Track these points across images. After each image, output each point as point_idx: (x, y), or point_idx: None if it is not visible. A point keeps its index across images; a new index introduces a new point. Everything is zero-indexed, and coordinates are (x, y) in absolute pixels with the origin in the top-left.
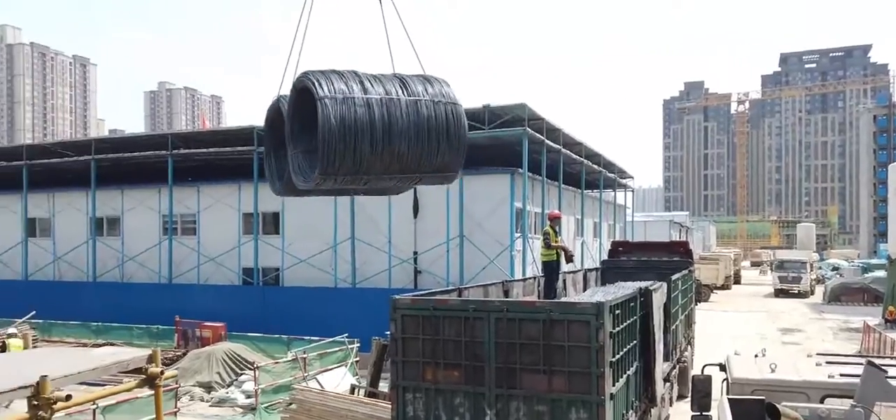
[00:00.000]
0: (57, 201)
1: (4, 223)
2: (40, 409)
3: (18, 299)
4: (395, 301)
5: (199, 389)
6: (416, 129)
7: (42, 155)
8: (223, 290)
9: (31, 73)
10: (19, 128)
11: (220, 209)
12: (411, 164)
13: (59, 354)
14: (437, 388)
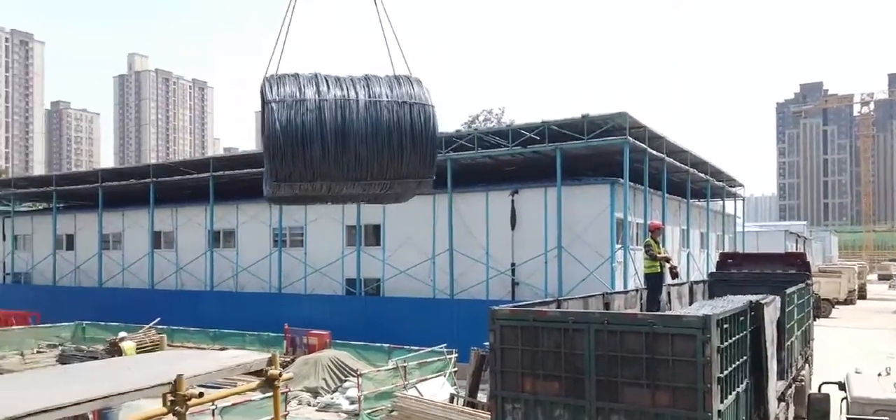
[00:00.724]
0: (179, 216)
1: (134, 236)
2: (177, 405)
3: (145, 306)
4: (493, 311)
5: (306, 394)
6: (375, 132)
7: (166, 173)
8: (328, 299)
9: (155, 97)
10: (146, 148)
11: (325, 222)
12: (374, 169)
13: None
14: (536, 399)
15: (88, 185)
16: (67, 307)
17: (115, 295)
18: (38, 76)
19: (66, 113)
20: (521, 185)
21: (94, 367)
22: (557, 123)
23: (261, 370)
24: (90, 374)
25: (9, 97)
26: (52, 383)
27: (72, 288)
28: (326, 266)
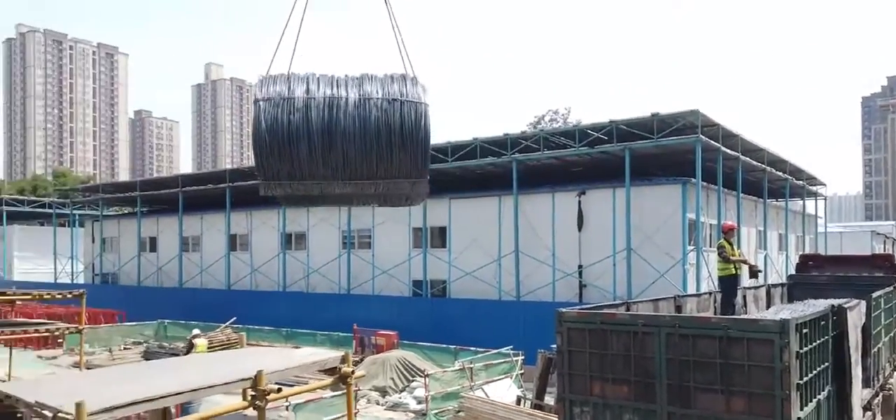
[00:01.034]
0: (253, 219)
1: (212, 239)
2: (257, 399)
3: (222, 306)
4: (560, 314)
5: (374, 393)
6: (363, 132)
7: (241, 178)
8: (395, 300)
9: (230, 105)
10: (221, 154)
11: (392, 225)
12: (364, 168)
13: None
14: (605, 402)
15: (169, 190)
16: (151, 306)
17: (194, 295)
18: (123, 87)
19: (148, 121)
20: (588, 185)
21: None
22: (626, 122)
23: (334, 368)
24: (177, 368)
25: (96, 107)
26: (144, 377)
27: (154, 288)
28: (393, 267)
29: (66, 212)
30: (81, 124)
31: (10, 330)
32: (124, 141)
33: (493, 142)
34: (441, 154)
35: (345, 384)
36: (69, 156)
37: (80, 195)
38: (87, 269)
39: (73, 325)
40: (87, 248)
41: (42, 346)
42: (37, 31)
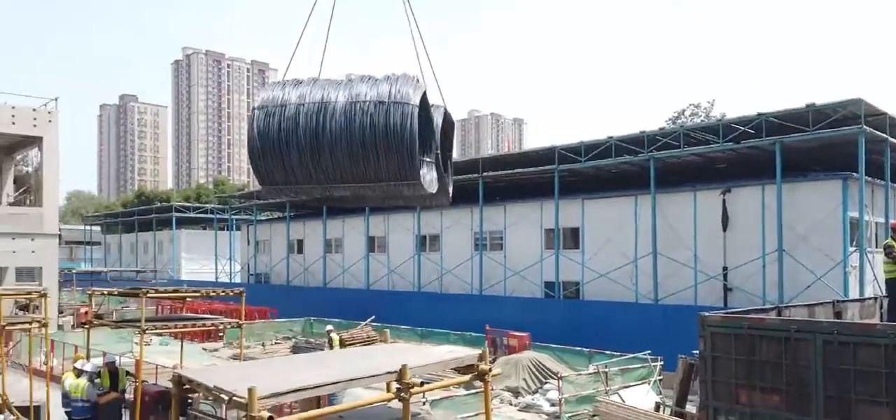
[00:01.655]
0: (390, 222)
1: (352, 241)
2: (402, 391)
3: (362, 305)
4: (703, 318)
5: (507, 394)
6: (349, 135)
7: None
8: (527, 301)
9: None
10: None
11: (524, 226)
12: (352, 171)
13: (410, 350)
14: (752, 411)
15: None
16: (298, 304)
17: (336, 294)
18: None
19: None
20: (733, 183)
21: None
22: (776, 115)
23: (471, 365)
24: (327, 361)
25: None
26: (301, 368)
27: (301, 287)
28: (525, 269)
29: (225, 217)
30: (237, 136)
31: (182, 324)
32: None
33: (629, 140)
34: (574, 154)
35: (482, 381)
36: (227, 165)
37: (237, 202)
38: (243, 269)
39: (233, 320)
40: (243, 249)
41: (205, 339)
42: (200, 52)
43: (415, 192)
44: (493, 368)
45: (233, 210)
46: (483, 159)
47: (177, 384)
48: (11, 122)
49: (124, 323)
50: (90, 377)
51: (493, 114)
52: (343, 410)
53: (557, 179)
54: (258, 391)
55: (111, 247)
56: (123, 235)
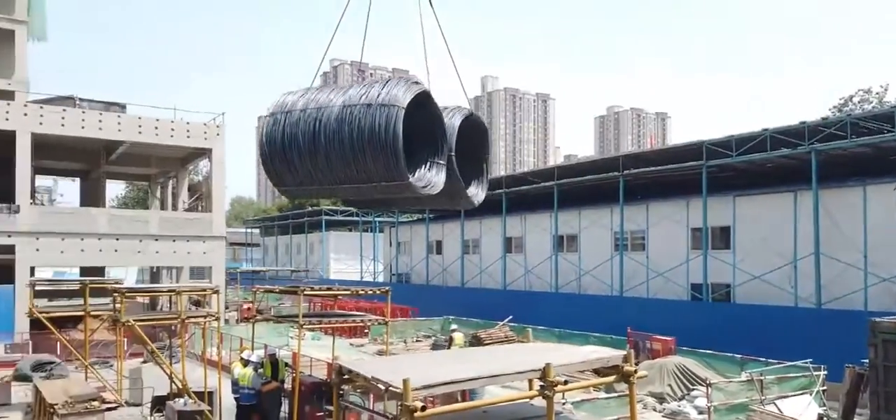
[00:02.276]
0: (527, 222)
1: (490, 242)
2: (546, 389)
3: (499, 305)
4: (875, 324)
5: (651, 399)
6: (339, 138)
7: (515, 183)
8: (671, 304)
9: (504, 114)
10: (496, 161)
11: (667, 225)
12: (347, 172)
13: (552, 349)
14: None
15: None
16: (437, 303)
17: (474, 294)
18: None
19: None
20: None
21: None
22: None
23: (615, 366)
24: (470, 358)
25: None
26: (446, 363)
27: (440, 287)
28: (669, 270)
29: (369, 219)
30: None
31: (334, 320)
32: None
33: (787, 132)
34: (723, 149)
35: (627, 383)
36: None
37: None
38: (386, 269)
39: (380, 318)
40: (385, 250)
41: (351, 335)
42: (345, 62)
43: (408, 193)
44: (638, 370)
45: (376, 213)
46: (623, 157)
47: (338, 374)
48: (186, 137)
49: (284, 318)
50: (255, 367)
51: (634, 109)
52: (487, 406)
53: (705, 176)
54: (411, 382)
55: (269, 248)
56: (279, 237)
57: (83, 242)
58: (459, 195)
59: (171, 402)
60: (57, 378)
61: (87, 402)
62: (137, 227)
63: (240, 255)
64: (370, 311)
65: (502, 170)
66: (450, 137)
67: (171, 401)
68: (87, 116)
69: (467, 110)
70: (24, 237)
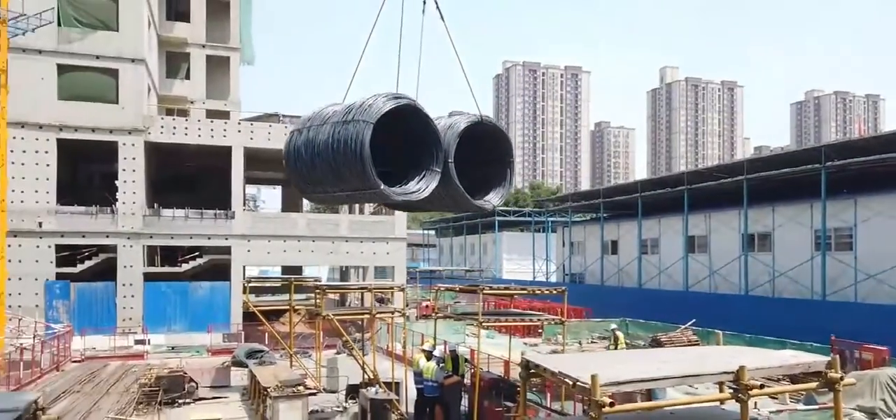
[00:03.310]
0: (712, 220)
1: (670, 241)
2: (740, 393)
3: (680, 307)
4: None
5: (859, 414)
6: (325, 152)
7: (698, 179)
8: (886, 309)
9: (685, 106)
10: (676, 156)
11: (879, 222)
12: (334, 180)
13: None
14: None
15: (628, 195)
16: (612, 304)
17: (652, 295)
18: (585, 103)
19: (606, 131)
20: None
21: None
22: None
23: (819, 373)
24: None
25: (562, 124)
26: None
27: (615, 288)
28: (883, 272)
29: (541, 219)
30: (550, 141)
31: (511, 318)
32: (585, 152)
33: None
34: None
35: (832, 391)
36: (541, 169)
37: (552, 205)
38: (559, 269)
39: (556, 317)
40: (558, 250)
41: (525, 335)
42: (517, 64)
43: (389, 200)
44: (845, 377)
45: (548, 213)
46: (825, 146)
47: (524, 368)
48: None
49: (463, 315)
50: (437, 361)
51: (838, 92)
52: (674, 406)
53: None
54: (600, 379)
55: (444, 248)
56: (454, 238)
57: (285, 244)
58: (464, 200)
59: (364, 390)
60: (267, 364)
61: (294, 387)
62: (330, 230)
63: (417, 256)
64: (543, 311)
65: (682, 165)
66: (448, 145)
67: (363, 389)
68: (287, 130)
69: (474, 117)
70: (237, 240)
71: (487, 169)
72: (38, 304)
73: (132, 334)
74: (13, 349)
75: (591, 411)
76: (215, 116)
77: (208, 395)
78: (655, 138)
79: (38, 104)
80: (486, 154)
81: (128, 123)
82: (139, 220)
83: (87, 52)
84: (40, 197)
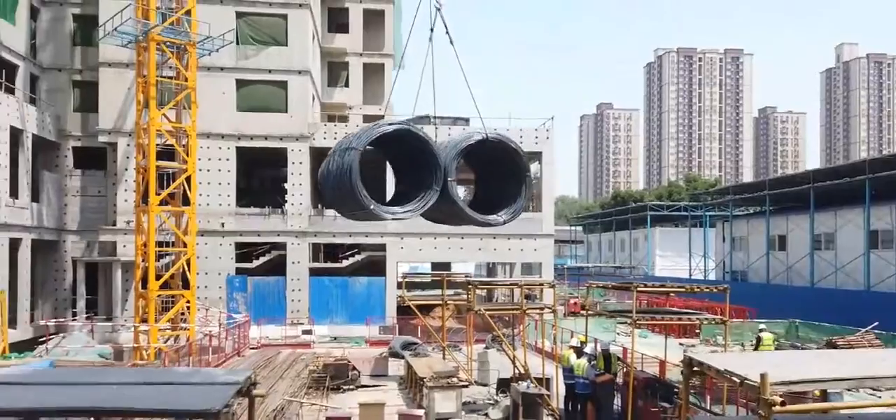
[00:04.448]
0: (895, 214)
1: (848, 236)
2: None
3: (860, 309)
4: None
5: None
6: (332, 177)
7: (883, 167)
8: None
9: (866, 85)
10: (855, 142)
11: None
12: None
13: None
14: None
15: (799, 186)
16: (779, 304)
17: (826, 295)
18: (747, 88)
19: (772, 117)
20: None
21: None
22: None
23: None
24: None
25: (722, 112)
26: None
27: (783, 286)
28: None
29: (698, 214)
30: (708, 130)
31: (664, 317)
32: (748, 140)
33: None
34: None
35: None
36: (698, 161)
37: (710, 198)
38: (718, 267)
39: (717, 317)
40: (717, 246)
41: (681, 335)
42: (671, 51)
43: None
44: None
45: (706, 207)
46: None
47: (687, 365)
48: (519, 142)
49: (616, 313)
50: (589, 359)
51: None
52: (852, 410)
53: None
54: (770, 377)
55: (591, 245)
56: (602, 234)
57: (436, 241)
58: (467, 217)
59: (516, 384)
60: (422, 356)
61: (448, 378)
62: (479, 227)
63: (563, 252)
64: (700, 310)
65: (863, 152)
66: (447, 165)
67: (515, 383)
68: (438, 132)
69: (478, 136)
70: (392, 237)
71: (505, 185)
72: (220, 297)
73: (299, 324)
74: (202, 336)
75: (761, 410)
76: (371, 121)
77: (369, 383)
78: (830, 123)
79: (219, 116)
80: (504, 170)
81: (295, 131)
82: (305, 220)
83: (260, 67)
84: (223, 200)
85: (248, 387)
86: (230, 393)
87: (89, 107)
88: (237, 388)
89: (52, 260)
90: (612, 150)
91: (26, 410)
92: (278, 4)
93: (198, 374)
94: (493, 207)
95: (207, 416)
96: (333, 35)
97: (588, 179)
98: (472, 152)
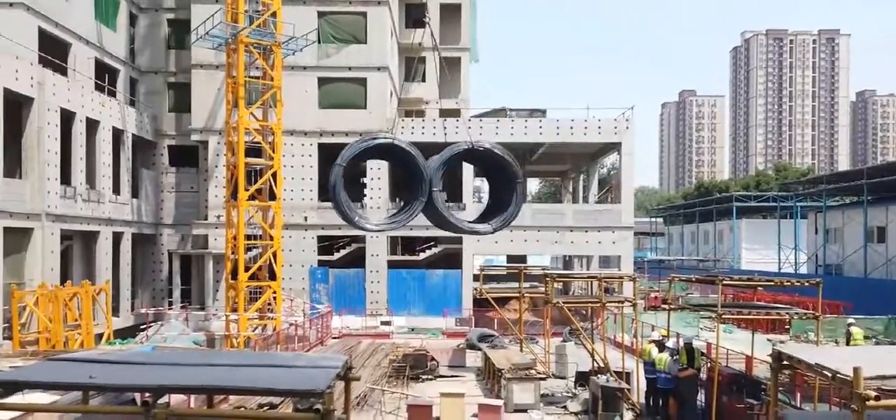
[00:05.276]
0: None
1: None
2: None
3: None
4: None
5: None
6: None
7: None
8: None
9: None
10: None
11: None
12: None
13: None
14: None
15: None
16: (878, 300)
17: None
18: (844, 70)
19: (871, 101)
20: None
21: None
22: None
23: None
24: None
25: (815, 96)
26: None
27: (883, 281)
28: None
29: (788, 204)
30: (799, 116)
31: (751, 312)
32: (844, 126)
33: None
34: None
35: None
36: (788, 149)
37: (802, 187)
38: (810, 260)
39: (808, 311)
40: (809, 238)
41: (768, 330)
42: (759, 33)
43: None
44: None
45: (797, 197)
46: None
47: (776, 360)
48: (598, 132)
49: (700, 307)
50: (671, 353)
51: None
52: None
53: None
54: (864, 372)
55: (673, 237)
56: (684, 226)
57: (512, 234)
58: (453, 226)
59: (595, 377)
60: (499, 348)
61: (526, 370)
62: (555, 220)
63: (643, 245)
64: (790, 305)
65: None
66: (431, 176)
67: (594, 376)
68: (515, 124)
69: (464, 146)
70: None
71: (502, 192)
72: (304, 288)
73: (378, 315)
74: (288, 325)
75: (854, 404)
76: (447, 115)
77: (447, 374)
78: None
79: (303, 114)
80: (502, 178)
81: (374, 126)
82: (384, 213)
83: (341, 65)
84: (306, 194)
85: (346, 371)
86: (332, 375)
87: (183, 107)
88: (337, 371)
89: (150, 252)
90: (695, 138)
91: (155, 387)
92: (358, 2)
93: (301, 358)
94: (496, 214)
95: (314, 396)
96: (411, 30)
97: (669, 169)
98: (477, 161)
